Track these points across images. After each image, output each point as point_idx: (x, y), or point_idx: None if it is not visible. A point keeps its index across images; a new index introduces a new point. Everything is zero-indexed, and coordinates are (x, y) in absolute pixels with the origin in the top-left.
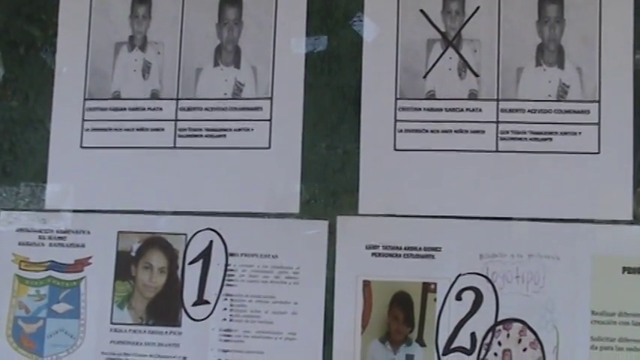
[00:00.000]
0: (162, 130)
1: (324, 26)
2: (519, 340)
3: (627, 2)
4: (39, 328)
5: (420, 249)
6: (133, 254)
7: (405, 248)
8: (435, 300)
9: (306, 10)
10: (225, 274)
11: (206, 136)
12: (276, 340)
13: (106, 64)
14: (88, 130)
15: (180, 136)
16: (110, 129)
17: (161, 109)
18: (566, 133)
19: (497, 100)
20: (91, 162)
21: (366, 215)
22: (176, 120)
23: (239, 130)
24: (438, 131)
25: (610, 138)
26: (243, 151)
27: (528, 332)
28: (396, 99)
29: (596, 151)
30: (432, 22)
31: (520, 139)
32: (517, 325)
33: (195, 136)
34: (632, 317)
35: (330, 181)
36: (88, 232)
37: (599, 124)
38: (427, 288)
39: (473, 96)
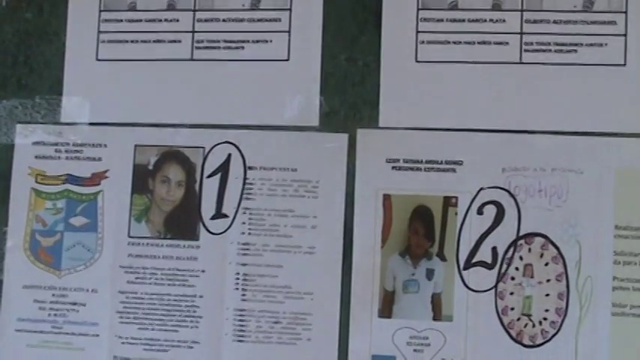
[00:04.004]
0: (180, 42)
1: None
2: (541, 255)
3: None
4: (56, 241)
5: (441, 162)
6: (151, 168)
7: (426, 162)
8: (456, 214)
9: None
10: (243, 188)
11: (224, 48)
12: (295, 254)
13: None
14: (103, 42)
15: (197, 48)
16: (126, 41)
17: (178, 20)
18: (591, 45)
19: (522, 10)
20: (107, 74)
21: (386, 128)
22: (193, 32)
23: (257, 41)
24: (460, 42)
25: (636, 49)
26: (262, 63)
27: (550, 247)
28: (418, 9)
29: (622, 63)
30: None
31: (544, 50)
32: (539, 240)
33: (213, 48)
34: None
35: (350, 94)
36: (105, 146)
37: (625, 35)
38: (448, 202)
39: (497, 7)
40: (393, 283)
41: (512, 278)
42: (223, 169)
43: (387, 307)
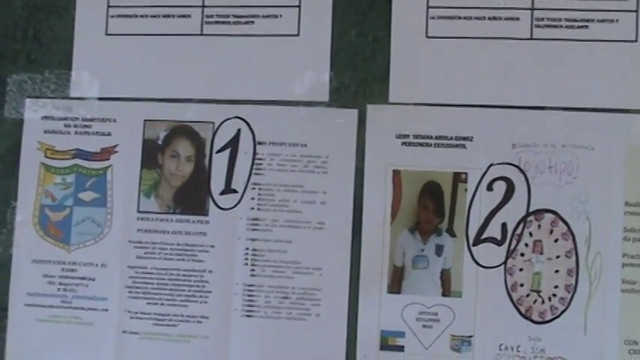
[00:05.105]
0: (189, 16)
1: None
2: (551, 231)
3: None
4: (66, 216)
5: (452, 138)
6: (160, 143)
7: (436, 137)
8: (466, 190)
9: None
10: (253, 163)
11: (234, 22)
12: (305, 230)
13: None
14: (113, 16)
15: (207, 22)
16: (136, 15)
17: None
18: (602, 21)
19: None
20: (116, 49)
21: (396, 104)
22: (203, 6)
23: (267, 16)
24: (471, 18)
25: None
26: (272, 38)
27: (560, 223)
28: None
29: (634, 39)
30: None
31: (555, 26)
32: (549, 216)
33: (223, 22)
34: None
35: (360, 69)
36: (114, 120)
37: (637, 11)
38: (458, 178)
39: None
40: (403, 259)
41: (522, 254)
42: (233, 144)
43: (396, 283)
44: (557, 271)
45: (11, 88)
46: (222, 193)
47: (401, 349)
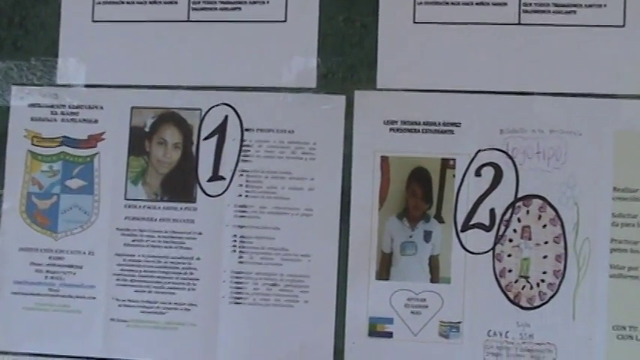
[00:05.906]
0: (176, 2)
1: None
2: (539, 217)
3: None
4: (53, 204)
5: (439, 124)
6: (147, 130)
7: (424, 123)
8: (454, 176)
9: None
10: (240, 150)
11: (221, 9)
12: (293, 216)
13: None
14: (99, 3)
15: (194, 9)
16: (122, 2)
17: None
18: (590, 6)
19: None
20: (103, 36)
21: (384, 90)
22: None
23: (254, 2)
24: (458, 3)
25: (636, 10)
26: (259, 24)
27: (548, 208)
28: None
29: (621, 24)
30: None
31: (543, 11)
32: (537, 202)
33: (210, 9)
34: None
35: (347, 55)
36: (101, 108)
37: None
38: (446, 164)
39: None
40: (391, 245)
41: (510, 240)
42: (220, 130)
43: (384, 270)
44: (545, 257)
45: None
46: (209, 180)
47: (389, 335)
